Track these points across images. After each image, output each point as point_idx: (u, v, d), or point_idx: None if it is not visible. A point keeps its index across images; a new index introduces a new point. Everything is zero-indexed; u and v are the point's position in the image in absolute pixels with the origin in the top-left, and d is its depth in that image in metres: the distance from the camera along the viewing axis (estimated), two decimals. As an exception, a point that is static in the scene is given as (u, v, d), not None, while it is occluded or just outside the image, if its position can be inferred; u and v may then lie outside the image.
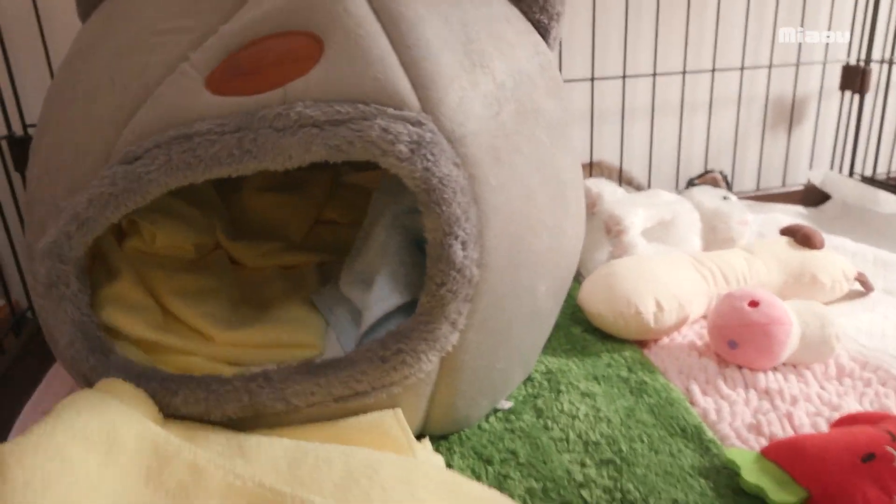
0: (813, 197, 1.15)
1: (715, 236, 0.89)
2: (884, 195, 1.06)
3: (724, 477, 0.51)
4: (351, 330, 0.59)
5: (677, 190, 1.06)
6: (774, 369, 0.67)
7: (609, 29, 1.02)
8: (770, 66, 1.10)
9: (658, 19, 1.02)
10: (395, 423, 0.49)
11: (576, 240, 0.62)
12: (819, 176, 1.15)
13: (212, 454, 0.44)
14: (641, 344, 0.72)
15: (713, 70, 1.07)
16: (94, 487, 0.40)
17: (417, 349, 0.47)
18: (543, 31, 0.62)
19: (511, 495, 0.49)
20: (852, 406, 0.61)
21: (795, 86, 1.14)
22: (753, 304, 0.66)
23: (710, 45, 1.07)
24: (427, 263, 0.46)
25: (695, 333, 0.74)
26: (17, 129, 0.83)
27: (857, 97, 1.13)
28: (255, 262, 0.70)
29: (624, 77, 1.03)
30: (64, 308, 0.49)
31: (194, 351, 0.55)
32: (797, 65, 1.12)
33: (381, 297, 0.52)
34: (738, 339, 0.65)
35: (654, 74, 1.05)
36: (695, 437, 0.56)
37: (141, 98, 0.49)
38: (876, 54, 1.11)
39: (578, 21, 1.00)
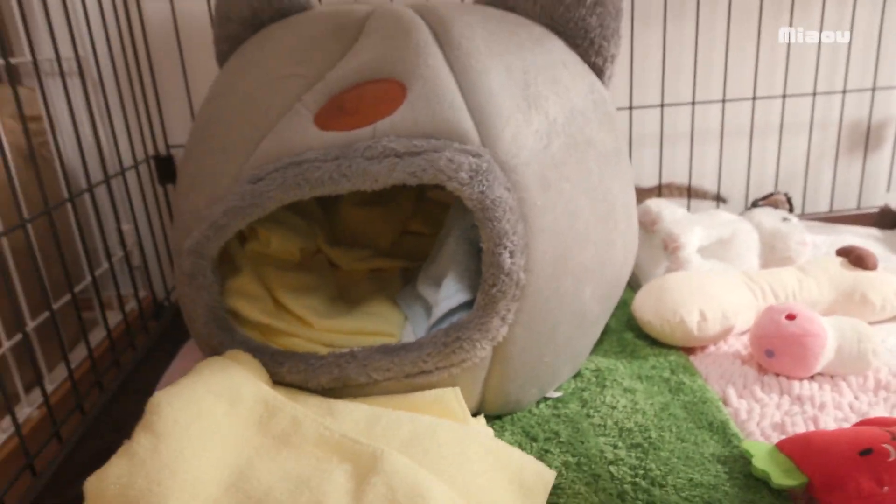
0: (888, 220, 1.16)
1: (774, 255, 0.94)
2: (963, 220, 1.07)
3: (739, 464, 0.58)
4: (424, 322, 0.70)
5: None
6: (811, 379, 0.72)
7: (682, 55, 1.09)
8: (844, 92, 1.13)
9: (728, 46, 1.08)
10: (454, 398, 0.59)
11: (624, 251, 0.71)
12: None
13: (309, 411, 0.57)
14: (688, 350, 0.79)
15: (784, 96, 1.12)
16: (219, 429, 0.53)
17: (473, 338, 0.57)
18: (599, 72, 0.71)
19: (549, 465, 0.59)
20: (880, 415, 0.66)
21: (871, 110, 1.16)
22: (790, 317, 0.72)
23: (781, 70, 1.11)
24: (482, 269, 0.56)
25: (741, 344, 0.80)
26: (162, 150, 1.01)
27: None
28: (349, 266, 0.83)
29: (693, 103, 1.10)
30: (201, 295, 0.63)
31: (297, 334, 0.68)
32: (873, 90, 1.14)
33: (448, 296, 0.63)
34: (775, 348, 0.71)
35: (724, 101, 1.10)
36: (720, 430, 0.63)
37: (264, 131, 0.63)
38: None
39: (652, 49, 1.08)
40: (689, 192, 1.12)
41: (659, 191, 1.11)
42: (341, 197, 0.93)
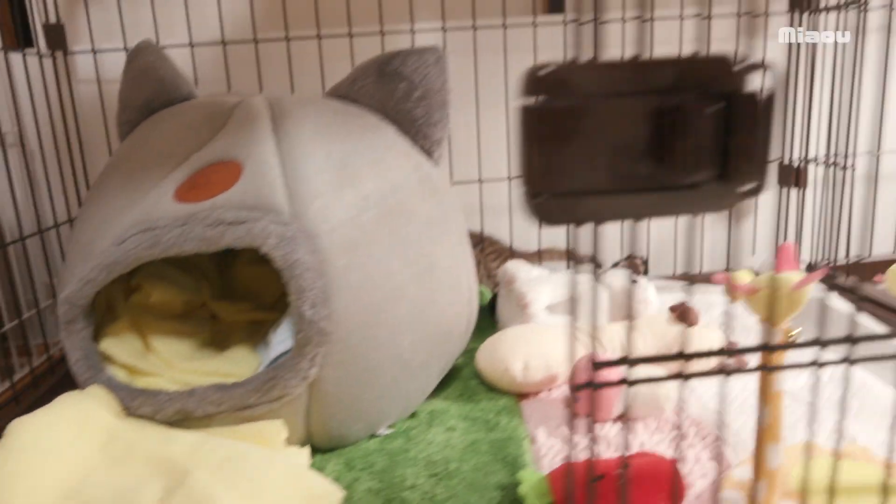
0: (752, 283, 1.28)
1: (620, 313, 1.05)
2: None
3: (515, 491, 0.68)
4: (271, 366, 0.81)
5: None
6: (616, 420, 0.82)
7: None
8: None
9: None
10: (273, 429, 0.70)
11: (452, 307, 0.82)
12: (758, 261, 1.28)
13: (146, 439, 0.67)
14: (523, 396, 0.90)
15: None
16: (64, 450, 0.64)
17: (285, 377, 0.68)
18: (428, 154, 0.84)
19: (354, 491, 0.69)
20: (663, 451, 0.76)
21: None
22: (595, 366, 0.82)
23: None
24: (292, 318, 0.68)
25: (570, 391, 0.91)
26: (89, 212, 1.14)
27: (797, 192, 1.26)
28: (230, 317, 0.94)
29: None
30: (73, 338, 0.75)
31: (160, 374, 0.78)
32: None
33: (281, 340, 0.75)
34: (580, 393, 0.82)
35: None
36: (512, 463, 0.73)
37: (135, 202, 0.75)
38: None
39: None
40: (569, 256, 1.24)
41: (539, 256, 1.23)
42: (238, 256, 1.05)
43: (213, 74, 1.13)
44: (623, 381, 0.39)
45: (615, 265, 1.16)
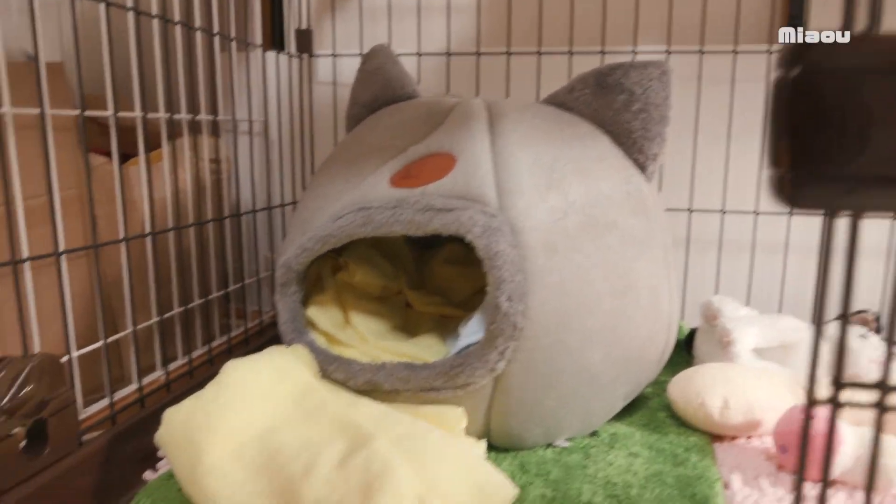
0: None
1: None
2: None
3: (698, 529, 0.62)
4: (458, 357, 0.81)
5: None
6: (829, 484, 0.72)
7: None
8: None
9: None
10: (453, 415, 0.70)
11: (649, 328, 0.78)
12: None
13: (336, 400, 0.70)
14: (716, 438, 0.82)
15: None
16: (266, 394, 0.69)
17: (473, 365, 0.68)
18: (641, 168, 0.81)
19: (526, 493, 0.66)
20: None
21: None
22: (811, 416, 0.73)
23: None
24: (486, 309, 0.68)
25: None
26: (310, 200, 1.25)
27: None
28: (421, 308, 0.97)
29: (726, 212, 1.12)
30: (286, 300, 0.81)
31: (355, 346, 0.82)
32: None
33: (471, 332, 0.75)
34: (788, 444, 0.73)
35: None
36: (701, 503, 0.66)
37: (353, 185, 0.81)
38: None
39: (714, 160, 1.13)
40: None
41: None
42: (437, 255, 1.08)
43: (435, 82, 1.19)
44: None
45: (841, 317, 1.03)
